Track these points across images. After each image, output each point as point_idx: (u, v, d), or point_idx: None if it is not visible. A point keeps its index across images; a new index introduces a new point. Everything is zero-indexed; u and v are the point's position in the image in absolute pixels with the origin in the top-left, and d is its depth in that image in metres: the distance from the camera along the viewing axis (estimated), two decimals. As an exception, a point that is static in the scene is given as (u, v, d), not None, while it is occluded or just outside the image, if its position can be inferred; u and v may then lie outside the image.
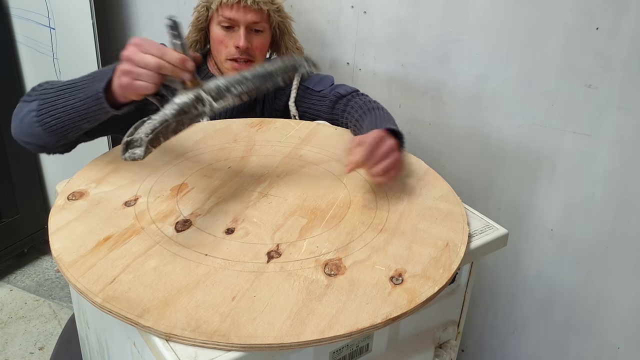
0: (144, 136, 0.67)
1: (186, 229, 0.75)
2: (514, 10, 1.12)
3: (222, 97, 0.77)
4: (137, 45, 0.75)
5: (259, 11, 1.09)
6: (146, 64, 0.73)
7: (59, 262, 0.68)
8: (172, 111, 0.72)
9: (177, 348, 0.57)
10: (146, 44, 0.75)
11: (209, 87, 0.77)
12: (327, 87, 1.18)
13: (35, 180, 1.94)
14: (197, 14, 1.13)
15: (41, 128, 0.85)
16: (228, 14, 1.08)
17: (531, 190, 1.22)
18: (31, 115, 0.86)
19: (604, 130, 1.09)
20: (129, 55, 0.75)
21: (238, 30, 1.09)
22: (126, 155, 0.66)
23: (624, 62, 1.02)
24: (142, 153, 0.65)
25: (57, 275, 1.96)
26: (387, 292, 0.65)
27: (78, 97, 0.83)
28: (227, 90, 0.77)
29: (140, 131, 0.68)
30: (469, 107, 1.24)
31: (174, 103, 0.73)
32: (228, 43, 1.10)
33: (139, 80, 0.75)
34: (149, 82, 0.74)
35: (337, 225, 0.77)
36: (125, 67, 0.75)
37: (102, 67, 1.64)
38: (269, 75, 0.81)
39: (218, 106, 0.76)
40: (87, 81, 0.84)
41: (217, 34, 1.11)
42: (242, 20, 1.08)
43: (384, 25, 1.31)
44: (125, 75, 0.75)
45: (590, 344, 1.25)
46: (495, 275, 1.35)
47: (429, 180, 0.91)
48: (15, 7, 1.71)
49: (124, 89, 0.77)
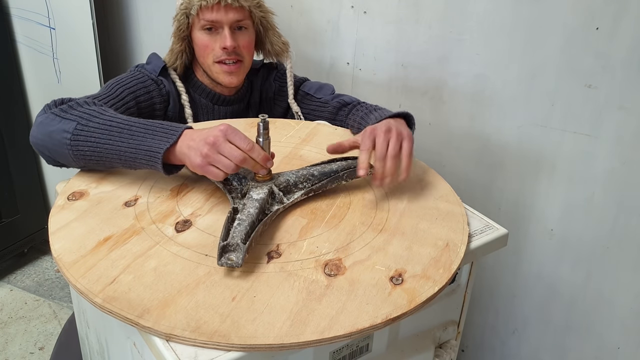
0: (240, 242, 0.67)
1: (186, 229, 0.75)
2: (513, 10, 1.12)
3: (290, 192, 0.81)
4: (225, 133, 0.74)
5: (241, 9, 1.07)
6: (232, 156, 0.73)
7: (59, 262, 0.68)
8: (255, 210, 0.74)
9: (177, 348, 0.57)
10: (234, 135, 0.75)
11: (279, 182, 0.81)
12: (327, 95, 1.20)
13: (35, 180, 1.94)
14: (177, 23, 1.10)
15: (71, 152, 0.82)
16: (209, 16, 1.05)
17: (531, 190, 1.22)
18: (64, 135, 0.82)
19: (604, 130, 1.08)
20: (215, 141, 0.74)
21: (222, 31, 1.07)
22: (222, 261, 0.66)
23: (624, 62, 1.02)
24: (240, 261, 0.65)
25: (57, 275, 1.96)
26: (387, 292, 0.65)
27: (129, 144, 0.79)
28: (295, 186, 0.82)
29: (235, 236, 0.69)
30: (469, 107, 1.24)
31: (253, 199, 0.76)
32: (214, 46, 1.08)
33: (216, 166, 0.74)
34: (225, 171, 0.74)
35: (337, 225, 0.77)
36: (207, 151, 0.74)
37: (101, 66, 1.64)
38: (335, 173, 0.85)
39: (287, 201, 0.80)
40: (144, 131, 0.80)
41: (200, 39, 1.08)
42: (225, 20, 1.06)
43: (384, 25, 1.30)
44: (202, 157, 0.74)
45: (590, 344, 1.25)
46: (495, 275, 1.35)
47: (429, 180, 0.91)
48: (15, 7, 1.71)
49: (195, 167, 0.76)
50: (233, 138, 0.75)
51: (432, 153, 1.33)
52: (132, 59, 1.86)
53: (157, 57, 1.13)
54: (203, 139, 0.75)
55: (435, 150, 1.33)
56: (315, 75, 1.39)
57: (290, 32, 1.43)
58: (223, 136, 0.74)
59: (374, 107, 1.08)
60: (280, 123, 1.13)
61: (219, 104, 1.16)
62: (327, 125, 1.13)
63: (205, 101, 1.15)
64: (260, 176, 0.80)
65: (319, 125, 1.13)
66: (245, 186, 0.80)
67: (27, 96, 1.84)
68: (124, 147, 0.79)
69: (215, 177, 0.75)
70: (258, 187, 0.79)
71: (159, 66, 1.10)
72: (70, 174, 0.88)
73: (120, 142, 0.80)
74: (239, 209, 0.74)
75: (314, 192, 0.83)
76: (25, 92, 1.83)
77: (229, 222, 0.71)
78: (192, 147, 0.76)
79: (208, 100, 1.15)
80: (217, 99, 1.15)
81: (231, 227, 0.71)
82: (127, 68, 1.15)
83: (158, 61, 1.11)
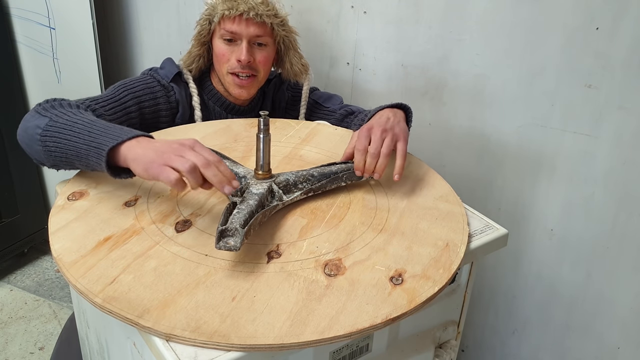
0: (239, 227, 0.68)
1: (186, 229, 0.75)
2: (513, 10, 1.12)
3: (290, 192, 0.82)
4: (193, 143, 0.72)
5: (262, 24, 1.06)
6: (194, 158, 0.69)
7: (59, 262, 0.68)
8: (255, 202, 0.74)
9: (177, 348, 0.57)
10: (201, 148, 0.72)
11: (279, 180, 0.81)
12: (335, 105, 1.21)
13: (35, 180, 1.94)
14: (199, 28, 1.10)
15: (41, 148, 0.82)
16: (230, 27, 1.05)
17: (531, 190, 1.22)
18: (37, 131, 0.82)
19: (604, 130, 1.08)
20: (180, 146, 0.71)
21: (240, 44, 1.06)
22: (220, 244, 0.66)
23: (624, 62, 1.02)
24: (238, 244, 0.66)
25: (57, 275, 1.96)
26: (387, 292, 0.65)
27: (84, 141, 0.78)
28: (294, 185, 0.83)
29: (234, 221, 0.69)
30: (469, 107, 1.24)
31: (253, 193, 0.77)
32: (230, 57, 1.08)
33: (171, 166, 0.69)
34: (181, 170, 0.68)
35: (337, 225, 0.77)
36: (166, 149, 0.71)
37: (101, 66, 1.65)
38: (334, 174, 0.85)
39: (286, 199, 0.80)
40: (102, 130, 0.78)
41: (219, 47, 1.08)
42: (245, 33, 1.05)
43: (384, 25, 1.30)
44: (158, 155, 0.70)
45: (590, 344, 1.25)
46: (495, 275, 1.35)
47: (429, 180, 0.91)
48: (15, 7, 1.71)
49: (147, 165, 0.71)
50: (200, 149, 0.72)
51: (432, 153, 1.33)
52: (132, 59, 1.85)
53: (171, 63, 1.12)
54: (165, 143, 0.73)
55: (435, 150, 1.33)
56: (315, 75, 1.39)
57: (290, 32, 1.43)
58: (190, 144, 0.72)
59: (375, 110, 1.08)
60: (280, 123, 1.13)
61: (232, 112, 1.16)
62: (327, 125, 1.13)
63: (218, 109, 1.15)
64: (261, 174, 0.81)
65: (319, 125, 1.13)
66: (244, 185, 0.80)
67: (27, 96, 1.84)
68: (80, 144, 0.78)
69: (167, 179, 0.68)
70: (258, 183, 0.79)
71: (172, 72, 1.10)
72: (70, 174, 0.88)
73: (77, 139, 0.79)
74: (237, 202, 0.75)
75: (313, 192, 0.84)
76: (25, 92, 1.83)
77: (227, 210, 0.72)
78: (148, 148, 0.72)
79: (222, 109, 1.15)
80: (230, 108, 1.16)
81: (230, 215, 0.71)
82: (127, 68, 1.15)
83: (172, 67, 1.11)
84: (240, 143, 1.02)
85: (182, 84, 1.11)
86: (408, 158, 0.98)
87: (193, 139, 0.74)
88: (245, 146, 1.00)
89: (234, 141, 1.02)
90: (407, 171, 0.93)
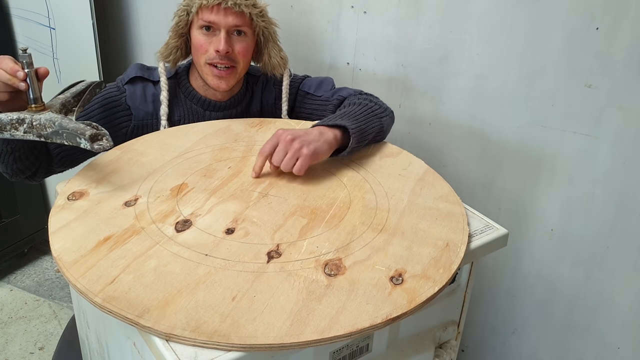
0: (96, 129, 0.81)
1: (186, 229, 0.75)
2: (513, 10, 1.12)
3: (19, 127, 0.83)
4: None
5: (241, 14, 1.05)
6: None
7: (59, 262, 0.68)
8: None
9: (177, 348, 0.57)
10: None
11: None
12: (328, 91, 1.19)
13: (35, 180, 1.94)
14: (177, 19, 1.09)
15: None
16: (208, 17, 1.04)
17: (531, 190, 1.22)
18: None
19: (604, 130, 1.08)
20: None
21: (219, 34, 1.05)
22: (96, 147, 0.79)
23: (624, 62, 1.02)
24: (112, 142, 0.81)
25: (57, 275, 1.96)
26: (387, 292, 0.65)
27: None
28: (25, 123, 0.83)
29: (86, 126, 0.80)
30: (469, 107, 1.24)
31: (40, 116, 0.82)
32: (208, 47, 1.06)
33: None
34: None
35: (337, 225, 0.77)
36: None
37: (101, 66, 1.65)
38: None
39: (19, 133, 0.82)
40: None
41: (197, 38, 1.07)
42: (223, 23, 1.04)
43: (384, 25, 1.30)
44: None
45: (590, 344, 1.25)
46: (495, 275, 1.35)
47: (429, 180, 0.91)
48: (15, 7, 1.71)
49: None
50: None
51: (432, 153, 1.33)
52: (132, 59, 1.86)
53: (133, 67, 1.13)
54: None
55: (436, 150, 1.33)
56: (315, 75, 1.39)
57: (290, 32, 1.43)
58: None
59: (352, 102, 1.08)
60: (280, 123, 1.13)
61: (210, 109, 1.15)
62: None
63: (195, 106, 1.14)
64: (34, 107, 0.83)
65: (319, 125, 1.13)
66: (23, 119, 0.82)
67: (27, 96, 1.84)
68: None
69: None
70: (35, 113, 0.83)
71: (129, 76, 1.11)
72: (70, 174, 0.88)
73: None
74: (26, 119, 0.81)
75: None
76: (25, 92, 1.83)
77: None
78: None
79: (198, 106, 1.14)
80: (207, 104, 1.14)
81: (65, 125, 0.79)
82: (126, 68, 1.15)
83: (132, 71, 1.12)
84: (240, 143, 1.02)
85: (140, 85, 1.11)
86: (408, 158, 0.98)
87: None
88: (246, 146, 1.00)
89: (234, 141, 1.02)
90: (407, 171, 0.93)
